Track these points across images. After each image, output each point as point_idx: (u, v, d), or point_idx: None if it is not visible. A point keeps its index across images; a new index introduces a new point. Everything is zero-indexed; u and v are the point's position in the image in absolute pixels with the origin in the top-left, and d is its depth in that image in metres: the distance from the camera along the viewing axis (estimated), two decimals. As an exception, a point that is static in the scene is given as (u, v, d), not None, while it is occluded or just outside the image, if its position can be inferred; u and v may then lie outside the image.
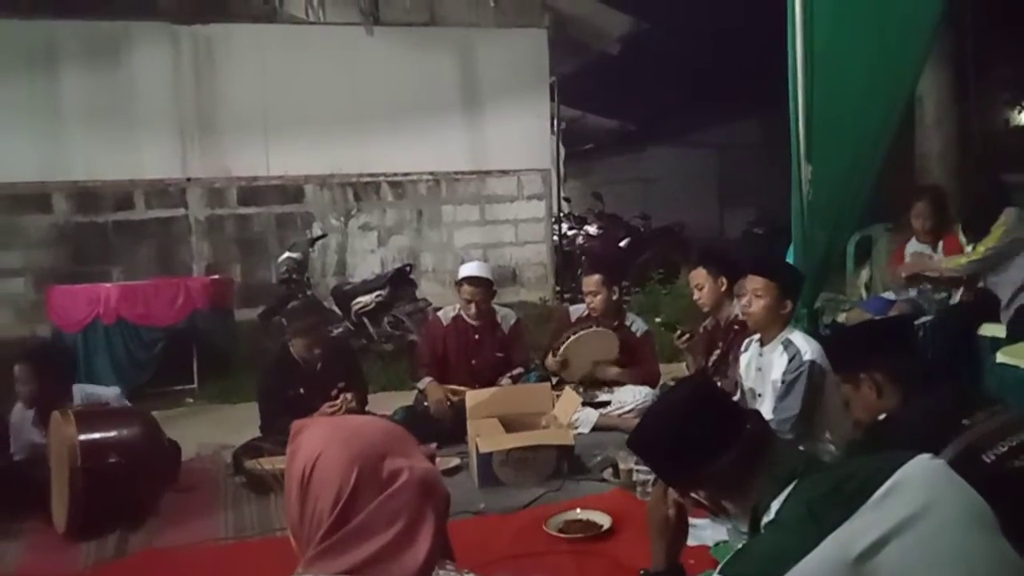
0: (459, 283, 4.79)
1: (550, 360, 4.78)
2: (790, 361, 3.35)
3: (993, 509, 1.57)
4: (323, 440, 1.19)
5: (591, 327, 4.73)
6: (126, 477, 3.41)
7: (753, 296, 3.48)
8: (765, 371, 3.50)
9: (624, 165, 17.82)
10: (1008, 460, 1.96)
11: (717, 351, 3.84)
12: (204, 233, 8.04)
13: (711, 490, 1.79)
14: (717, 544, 2.85)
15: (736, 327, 4.09)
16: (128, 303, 5.98)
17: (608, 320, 4.79)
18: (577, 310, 5.04)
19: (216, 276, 7.16)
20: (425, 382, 4.68)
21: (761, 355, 3.55)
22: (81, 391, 3.97)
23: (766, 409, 3.37)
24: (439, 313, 4.98)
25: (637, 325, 4.94)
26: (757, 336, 3.61)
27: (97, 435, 3.45)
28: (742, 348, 3.74)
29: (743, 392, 3.66)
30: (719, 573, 1.59)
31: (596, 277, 4.80)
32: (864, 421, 2.36)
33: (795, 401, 3.31)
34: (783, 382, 3.37)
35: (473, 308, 4.72)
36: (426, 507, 1.18)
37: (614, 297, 4.83)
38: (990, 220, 4.49)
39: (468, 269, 4.87)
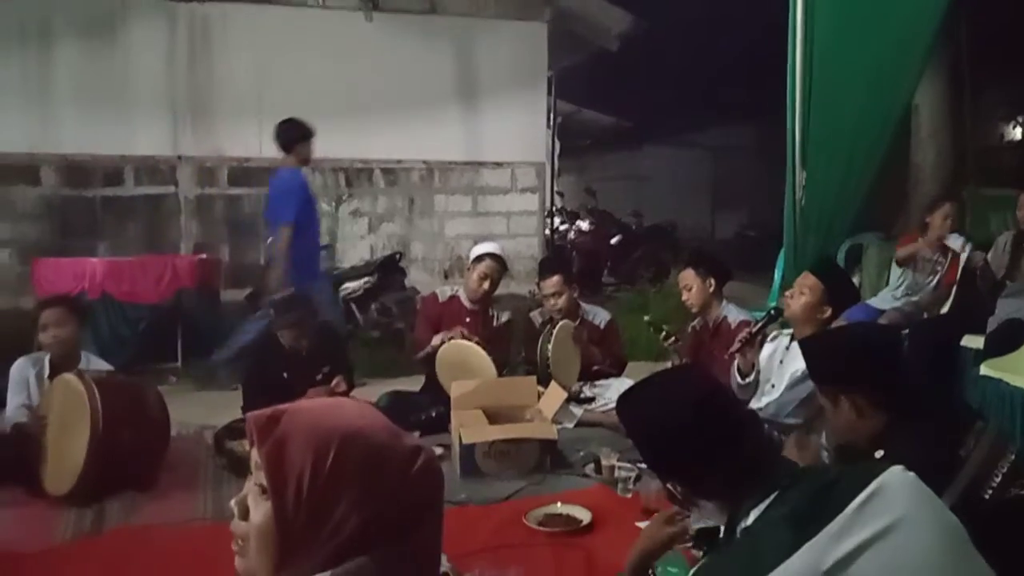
0: (477, 260, 4.78)
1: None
2: None
3: (1000, 544, 1.57)
4: (330, 430, 1.03)
5: (555, 325, 4.69)
6: (138, 446, 3.46)
7: (799, 291, 3.51)
8: (787, 364, 3.55)
9: (619, 162, 17.86)
10: (1004, 491, 1.95)
11: (746, 337, 3.75)
12: (193, 212, 7.98)
13: (693, 488, 1.79)
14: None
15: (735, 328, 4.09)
16: (114, 279, 5.94)
17: (570, 318, 4.79)
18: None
19: (204, 256, 7.11)
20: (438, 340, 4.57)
21: (788, 349, 3.59)
22: (85, 357, 3.98)
23: (772, 396, 3.50)
24: (436, 291, 5.00)
25: (599, 317, 4.96)
26: (789, 331, 3.64)
27: (116, 401, 3.48)
28: (769, 338, 3.75)
29: (759, 377, 3.69)
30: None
31: (557, 278, 4.75)
32: (840, 437, 2.31)
33: (799, 395, 3.38)
34: (800, 375, 3.41)
35: (488, 285, 4.72)
36: (441, 481, 1.11)
37: (575, 295, 4.84)
38: None
39: (487, 247, 4.88)
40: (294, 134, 5.70)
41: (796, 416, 3.36)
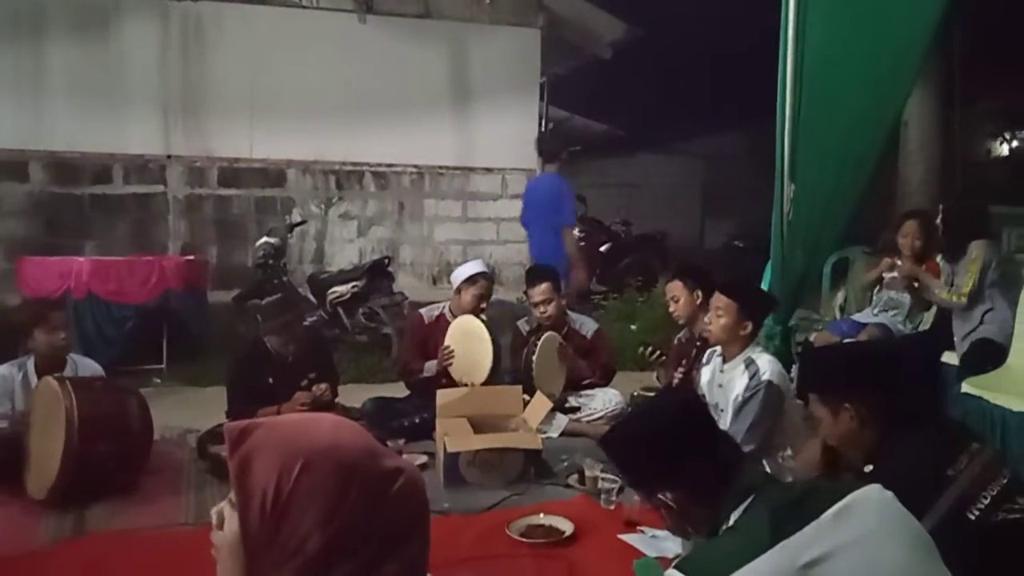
0: (469, 281, 4.72)
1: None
2: (750, 380, 3.38)
3: (987, 565, 1.60)
4: (298, 447, 1.01)
5: (540, 336, 4.69)
6: (117, 455, 3.44)
7: (715, 314, 3.52)
8: (727, 388, 3.54)
9: (609, 169, 17.83)
10: (992, 513, 1.96)
11: (683, 366, 3.82)
12: (182, 212, 7.95)
13: (673, 499, 1.85)
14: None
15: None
16: (100, 278, 5.90)
17: (557, 327, 4.79)
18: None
19: (191, 257, 7.07)
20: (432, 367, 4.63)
21: (723, 371, 3.58)
22: (71, 359, 3.97)
23: (724, 424, 3.41)
24: (422, 311, 4.94)
25: (587, 327, 4.97)
26: (719, 350, 3.64)
27: (96, 411, 3.46)
28: (704, 360, 3.75)
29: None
30: (674, 568, 1.63)
31: (545, 285, 4.75)
32: (836, 446, 2.32)
33: (746, 421, 3.34)
34: (741, 400, 3.41)
35: (483, 304, 4.72)
36: (424, 507, 1.08)
37: (563, 303, 4.84)
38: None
39: (474, 267, 4.85)
40: (560, 144, 6.07)
41: (748, 443, 3.24)
